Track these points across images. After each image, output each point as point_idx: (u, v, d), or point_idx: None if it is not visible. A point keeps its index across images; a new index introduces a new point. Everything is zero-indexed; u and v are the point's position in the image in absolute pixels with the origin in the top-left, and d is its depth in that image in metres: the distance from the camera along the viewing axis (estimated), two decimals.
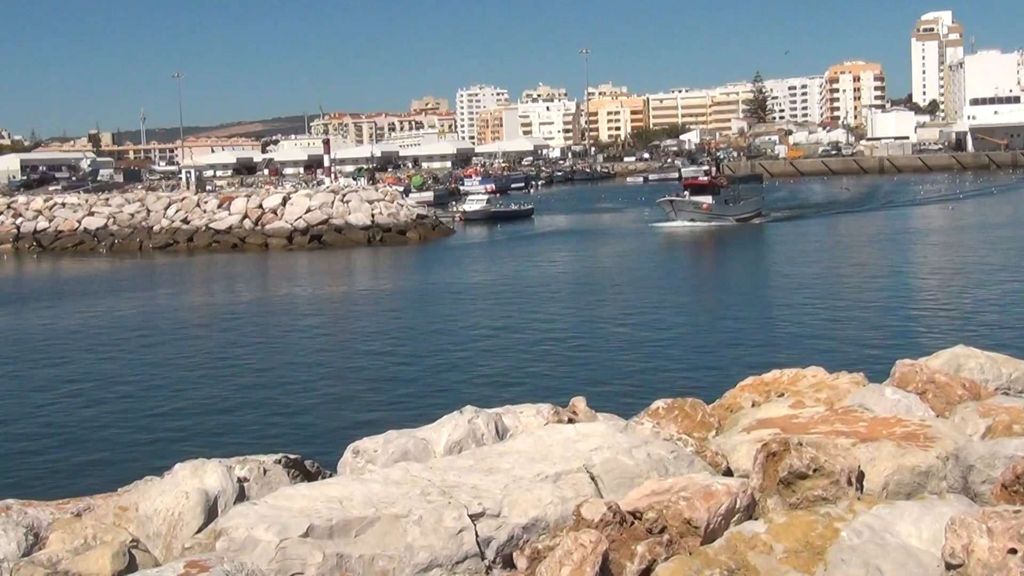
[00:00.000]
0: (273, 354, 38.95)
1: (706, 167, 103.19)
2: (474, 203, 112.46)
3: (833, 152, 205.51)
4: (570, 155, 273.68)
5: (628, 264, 67.48)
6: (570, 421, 8.59)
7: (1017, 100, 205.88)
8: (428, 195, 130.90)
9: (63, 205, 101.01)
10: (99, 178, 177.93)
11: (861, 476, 6.49)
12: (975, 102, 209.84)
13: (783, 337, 38.34)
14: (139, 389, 33.58)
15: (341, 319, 48.07)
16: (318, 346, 40.45)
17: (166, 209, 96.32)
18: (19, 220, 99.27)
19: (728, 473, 7.43)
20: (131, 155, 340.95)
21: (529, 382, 32.15)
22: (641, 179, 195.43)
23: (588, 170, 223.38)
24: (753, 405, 9.20)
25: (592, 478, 6.83)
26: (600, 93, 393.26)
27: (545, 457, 7.10)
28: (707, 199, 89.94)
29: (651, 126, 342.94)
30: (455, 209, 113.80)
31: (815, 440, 6.71)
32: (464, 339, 40.69)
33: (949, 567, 5.24)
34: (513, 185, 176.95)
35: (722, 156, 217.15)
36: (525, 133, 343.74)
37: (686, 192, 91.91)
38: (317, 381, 33.80)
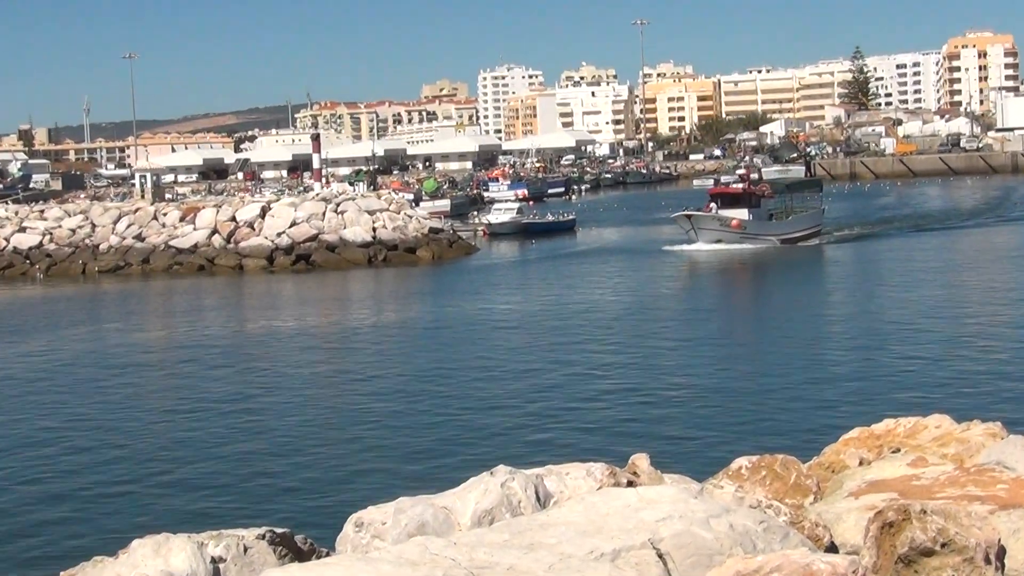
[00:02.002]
0: (251, 404, 39.10)
1: (782, 164, 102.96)
2: (501, 213, 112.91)
3: (953, 146, 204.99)
4: (621, 152, 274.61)
5: (690, 291, 67.42)
6: (630, 484, 8.56)
7: None
8: (444, 204, 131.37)
9: None
10: (32, 185, 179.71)
11: (1002, 552, 6.43)
12: None
13: (895, 379, 38.22)
14: (85, 448, 33.74)
15: (336, 359, 48.19)
16: (308, 393, 40.59)
17: (115, 223, 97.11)
18: None
19: (832, 549, 7.39)
20: (72, 156, 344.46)
21: (576, 436, 32.20)
22: (711, 182, 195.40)
23: (644, 171, 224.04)
24: (861, 463, 9.15)
25: (660, 556, 6.80)
26: (659, 75, 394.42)
27: (600, 530, 7.07)
28: (739, 214, 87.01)
29: (723, 116, 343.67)
30: (477, 221, 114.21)
31: (942, 507, 6.66)
32: (492, 384, 40.76)
33: None
34: (550, 190, 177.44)
35: (813, 152, 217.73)
36: (565, 125, 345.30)
37: (712, 204, 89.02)
38: (309, 437, 33.91)
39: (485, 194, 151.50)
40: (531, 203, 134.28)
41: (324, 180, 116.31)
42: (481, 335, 52.42)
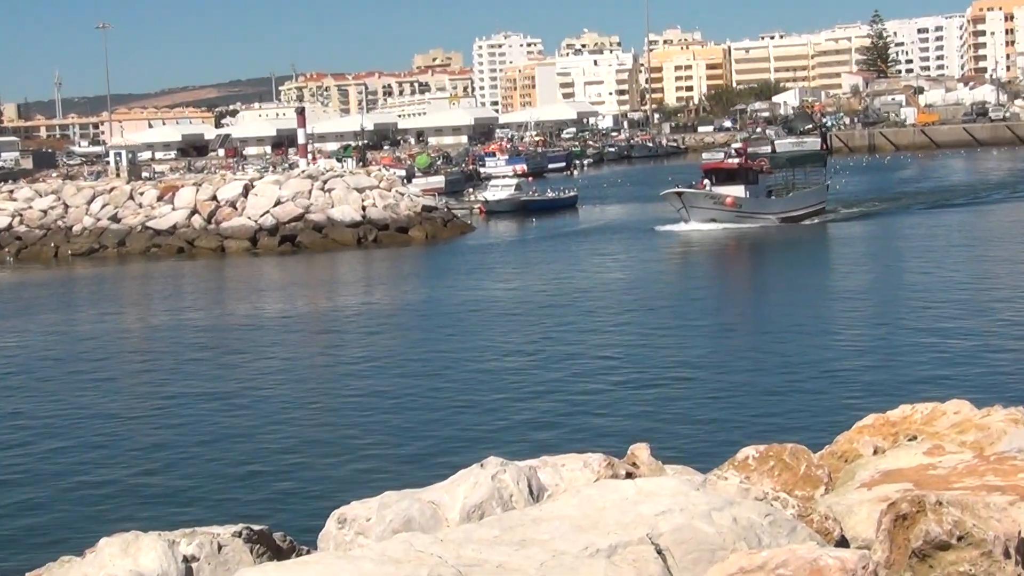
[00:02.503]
0: (233, 395, 39.14)
1: (796, 136, 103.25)
2: (499, 190, 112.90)
3: (979, 116, 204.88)
4: (626, 124, 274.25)
5: (695, 270, 67.32)
6: (628, 476, 8.55)
7: None
8: (438, 180, 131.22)
9: None
10: (0, 164, 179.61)
11: (1022, 546, 6.42)
12: None
13: (911, 364, 38.23)
14: (54, 442, 33.75)
15: (323, 347, 48.22)
16: (293, 383, 40.63)
17: (89, 204, 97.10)
18: None
19: (843, 543, 7.38)
20: (42, 133, 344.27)
21: (572, 425, 32.30)
22: (721, 155, 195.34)
23: (651, 144, 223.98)
24: (875, 452, 9.14)
25: (659, 552, 6.79)
26: (665, 42, 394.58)
27: (596, 524, 7.06)
28: (735, 191, 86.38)
29: (734, 85, 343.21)
30: (473, 198, 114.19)
31: (959, 498, 6.65)
32: (484, 370, 40.87)
33: None
34: (550, 166, 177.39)
35: (830, 123, 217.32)
36: (566, 96, 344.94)
37: (706, 181, 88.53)
38: (290, 427, 33.96)
39: (481, 170, 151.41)
40: (530, 179, 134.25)
41: (310, 156, 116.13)
42: (477, 320, 52.49)
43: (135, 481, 29.56)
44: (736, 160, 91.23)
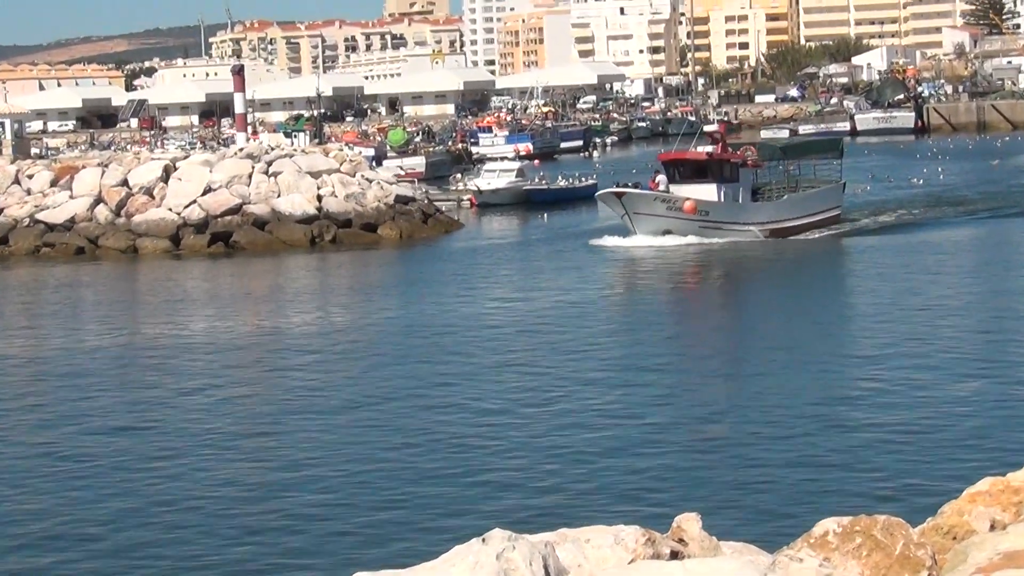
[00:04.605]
0: (147, 442, 39.02)
1: (883, 109, 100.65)
2: (495, 176, 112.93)
3: None
4: (661, 92, 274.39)
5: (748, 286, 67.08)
6: (674, 556, 8.59)
7: None
8: (416, 162, 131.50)
9: None
10: None
11: None
12: None
13: None
14: None
15: (264, 381, 48.22)
16: (225, 429, 40.48)
17: None
18: None
19: None
20: None
21: (601, 489, 32.24)
22: (786, 132, 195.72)
23: (692, 118, 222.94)
24: (993, 527, 9.18)
25: None
26: None
27: None
28: (702, 191, 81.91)
29: (802, 42, 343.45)
30: (463, 186, 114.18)
31: None
32: (477, 411, 40.80)
33: None
34: (563, 144, 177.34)
35: (927, 93, 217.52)
36: (583, 55, 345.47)
37: (660, 177, 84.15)
38: (225, 491, 33.82)
39: (473, 150, 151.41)
40: (536, 162, 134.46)
41: (251, 130, 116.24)
42: (465, 346, 52.31)
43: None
44: (708, 149, 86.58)
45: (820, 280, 70.78)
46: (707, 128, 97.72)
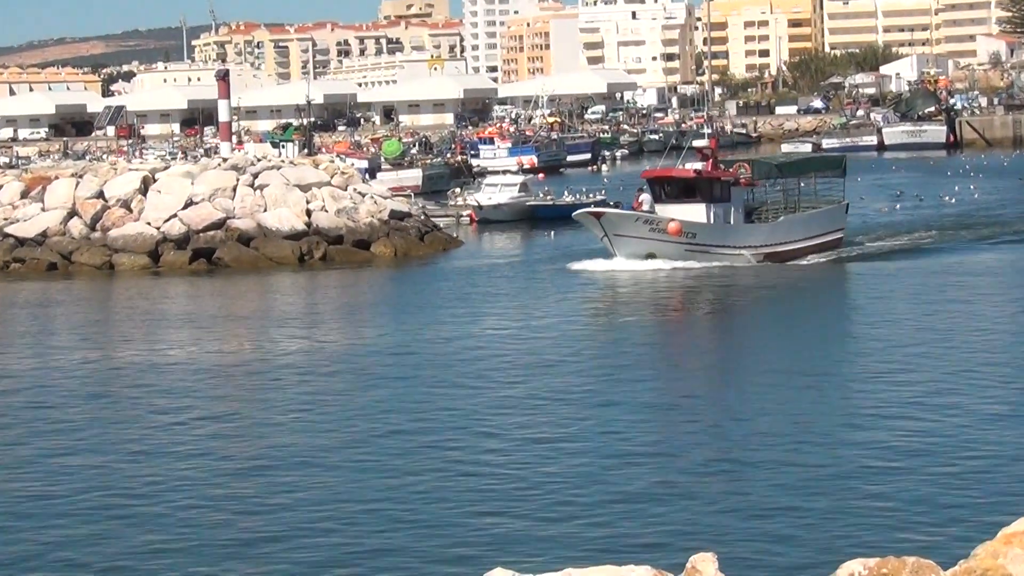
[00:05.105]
0: (122, 476, 39.03)
1: (912, 122, 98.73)
2: (497, 191, 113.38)
3: None
4: (675, 102, 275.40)
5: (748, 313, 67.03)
6: None
7: None
8: (413, 175, 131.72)
9: None
10: None
11: None
12: None
13: None
14: None
15: (246, 409, 48.17)
16: (202, 462, 40.48)
17: None
18: None
19: None
20: None
21: (605, 522, 32.27)
22: (808, 147, 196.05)
23: (709, 130, 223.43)
24: None
25: None
26: None
27: None
28: (689, 212, 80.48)
29: (826, 49, 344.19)
30: (462, 201, 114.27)
31: None
32: (479, 446, 40.78)
33: None
34: (570, 157, 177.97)
35: (960, 105, 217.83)
36: (592, 61, 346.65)
37: (644, 196, 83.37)
38: (200, 530, 33.82)
39: (473, 162, 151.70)
40: (541, 176, 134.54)
41: (236, 139, 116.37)
42: (463, 374, 52.26)
43: None
44: (697, 166, 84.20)
45: (817, 310, 69.75)
46: (696, 143, 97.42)
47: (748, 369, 54.52)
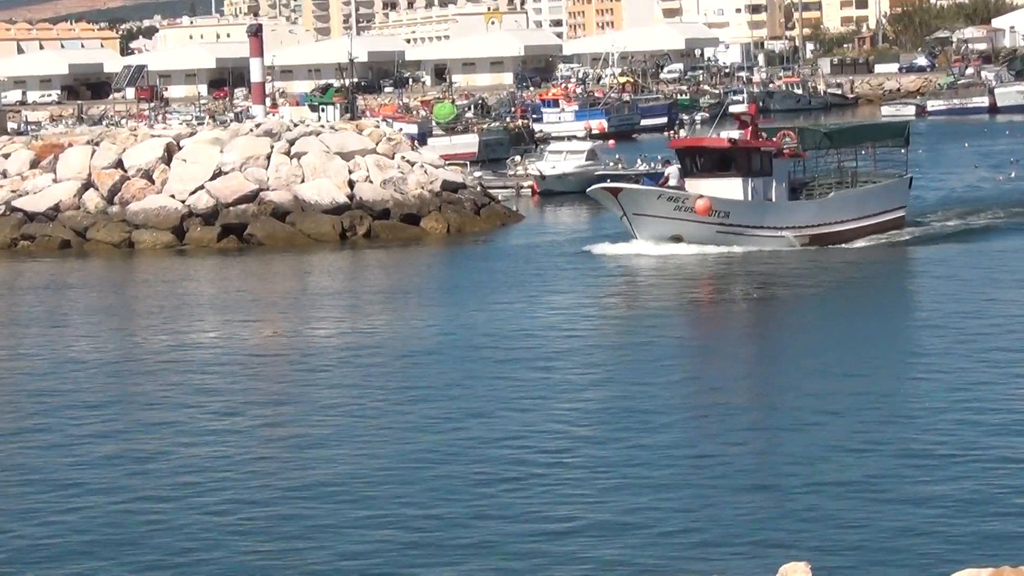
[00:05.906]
0: (144, 474, 39.21)
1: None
2: (562, 159, 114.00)
3: None
4: (762, 60, 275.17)
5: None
6: None
7: None
8: (468, 142, 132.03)
9: None
10: None
11: None
12: None
13: None
14: None
15: (276, 402, 48.64)
16: (238, 456, 40.76)
17: None
18: None
19: None
20: None
21: (691, 530, 32.35)
22: (912, 109, 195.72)
23: (799, 91, 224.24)
24: None
25: None
26: None
27: None
28: (723, 187, 78.45)
29: (932, 1, 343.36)
30: (523, 171, 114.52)
31: None
32: (534, 448, 40.91)
33: None
34: (644, 122, 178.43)
35: None
36: (668, 15, 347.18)
37: (671, 169, 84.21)
38: (217, 531, 34.14)
39: (535, 127, 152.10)
40: (611, 143, 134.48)
41: (269, 102, 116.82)
42: (515, 365, 52.65)
43: None
44: (733, 135, 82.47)
45: (870, 302, 67.94)
46: (734, 109, 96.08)
47: (821, 373, 51.59)
